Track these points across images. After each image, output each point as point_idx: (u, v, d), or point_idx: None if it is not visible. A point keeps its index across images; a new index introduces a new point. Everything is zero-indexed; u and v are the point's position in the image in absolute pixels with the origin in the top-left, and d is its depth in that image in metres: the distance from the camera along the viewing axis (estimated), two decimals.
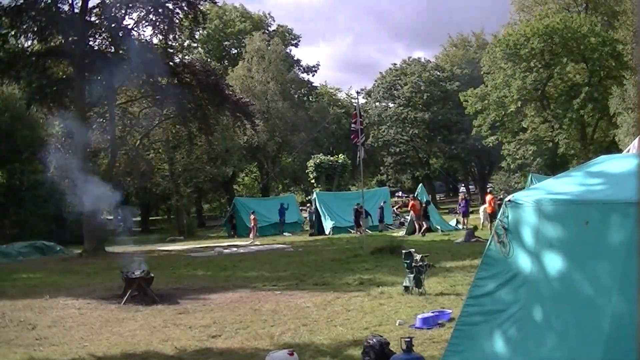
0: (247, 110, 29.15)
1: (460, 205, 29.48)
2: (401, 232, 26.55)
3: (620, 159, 5.53)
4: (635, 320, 3.70)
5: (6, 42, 24.75)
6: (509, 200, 5.10)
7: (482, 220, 26.44)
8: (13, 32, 24.49)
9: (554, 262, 4.58)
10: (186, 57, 29.70)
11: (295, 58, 57.01)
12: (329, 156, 40.64)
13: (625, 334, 3.82)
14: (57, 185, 31.16)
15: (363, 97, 58.19)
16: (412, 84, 53.71)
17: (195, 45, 51.50)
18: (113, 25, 25.36)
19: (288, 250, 21.28)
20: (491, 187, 40.59)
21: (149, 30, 26.48)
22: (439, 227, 26.65)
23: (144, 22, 26.01)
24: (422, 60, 56.98)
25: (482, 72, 43.25)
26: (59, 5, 24.32)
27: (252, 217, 29.01)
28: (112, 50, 26.30)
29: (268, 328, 8.66)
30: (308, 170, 39.38)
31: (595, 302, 4.16)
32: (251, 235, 28.38)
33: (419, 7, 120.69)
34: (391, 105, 56.57)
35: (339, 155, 40.58)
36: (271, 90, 46.95)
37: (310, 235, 28.87)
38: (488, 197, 26.55)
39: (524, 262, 4.84)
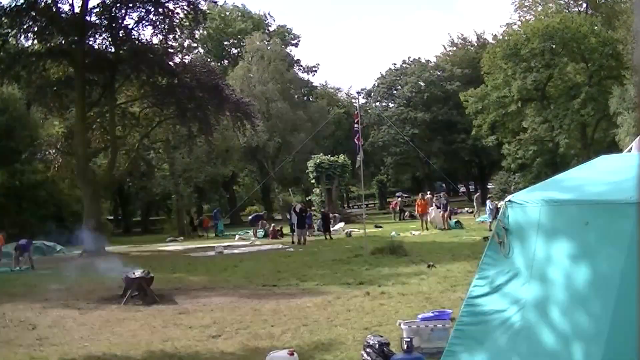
0: (247, 110, 29.17)
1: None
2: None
3: (620, 159, 5.52)
4: (635, 321, 3.70)
5: (6, 42, 24.76)
6: (509, 200, 5.09)
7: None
8: (13, 32, 24.50)
9: (553, 262, 4.58)
10: (186, 57, 29.69)
11: (295, 58, 57.08)
12: (329, 156, 40.61)
13: (625, 334, 3.82)
14: (57, 185, 31.24)
15: (363, 97, 58.22)
16: (412, 84, 53.70)
17: (195, 45, 51.50)
18: (113, 25, 25.37)
19: (288, 250, 21.29)
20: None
21: (149, 30, 26.51)
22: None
23: (144, 22, 26.02)
24: (422, 60, 57.03)
25: (482, 72, 43.25)
26: (59, 5, 24.36)
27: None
28: (112, 50, 26.32)
29: (268, 328, 8.66)
30: (308, 170, 39.35)
31: (595, 302, 4.16)
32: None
33: None
34: (391, 105, 56.58)
35: (339, 156, 40.55)
36: (271, 90, 46.94)
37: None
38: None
39: (524, 262, 4.83)
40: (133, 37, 26.12)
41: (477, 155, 52.86)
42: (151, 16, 25.70)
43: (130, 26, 26.05)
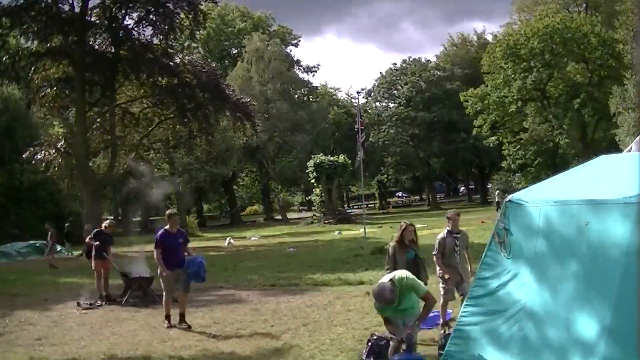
0: (247, 110, 29.15)
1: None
2: None
3: (620, 159, 5.52)
4: (635, 319, 3.70)
5: (6, 42, 24.78)
6: (509, 201, 5.07)
7: None
8: (13, 32, 24.53)
9: (554, 263, 4.57)
10: (186, 57, 29.65)
11: (295, 58, 57.09)
12: (329, 156, 40.62)
13: (625, 333, 3.82)
14: (57, 185, 31.20)
15: (363, 97, 58.25)
16: (412, 84, 53.71)
17: (195, 45, 51.50)
18: (113, 25, 25.38)
19: (288, 251, 21.29)
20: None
21: (149, 30, 26.49)
22: None
23: (144, 22, 26.03)
24: (422, 60, 57.07)
25: (482, 72, 43.25)
26: (59, 5, 24.36)
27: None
28: (112, 50, 26.32)
29: (268, 328, 8.65)
30: (308, 170, 39.37)
31: (596, 302, 4.16)
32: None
33: None
34: (391, 105, 56.59)
35: (339, 155, 40.56)
36: (271, 90, 46.95)
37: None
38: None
39: (525, 262, 4.83)
40: (133, 37, 26.12)
41: (477, 155, 52.87)
42: (151, 16, 25.72)
43: (130, 26, 26.10)
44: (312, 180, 39.79)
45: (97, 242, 11.92)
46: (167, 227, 9.01)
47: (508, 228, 4.94)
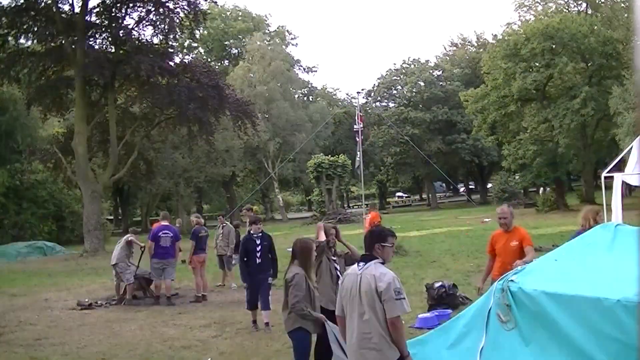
0: (247, 110, 29.14)
1: None
2: None
3: (622, 231, 5.26)
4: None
5: (6, 42, 24.78)
6: (511, 280, 4.90)
7: None
8: (13, 32, 24.53)
9: (553, 351, 4.52)
10: (187, 56, 29.71)
11: (295, 58, 57.12)
12: (329, 156, 40.61)
13: None
14: (57, 185, 31.21)
15: (363, 97, 58.23)
16: (412, 84, 53.72)
17: (195, 45, 51.56)
18: (113, 25, 25.39)
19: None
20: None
21: (149, 30, 26.60)
22: None
23: (144, 22, 26.04)
24: (422, 60, 57.05)
25: (482, 72, 43.23)
26: (59, 5, 24.37)
27: None
28: (112, 50, 26.33)
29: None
30: (308, 170, 39.35)
31: None
32: None
33: None
34: (391, 105, 56.59)
35: (339, 156, 40.55)
36: (271, 90, 46.95)
37: None
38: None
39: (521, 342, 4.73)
40: (133, 37, 26.13)
41: (477, 155, 52.88)
42: (151, 16, 25.73)
43: (130, 26, 26.09)
44: (312, 180, 39.77)
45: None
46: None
47: (510, 305, 4.78)
